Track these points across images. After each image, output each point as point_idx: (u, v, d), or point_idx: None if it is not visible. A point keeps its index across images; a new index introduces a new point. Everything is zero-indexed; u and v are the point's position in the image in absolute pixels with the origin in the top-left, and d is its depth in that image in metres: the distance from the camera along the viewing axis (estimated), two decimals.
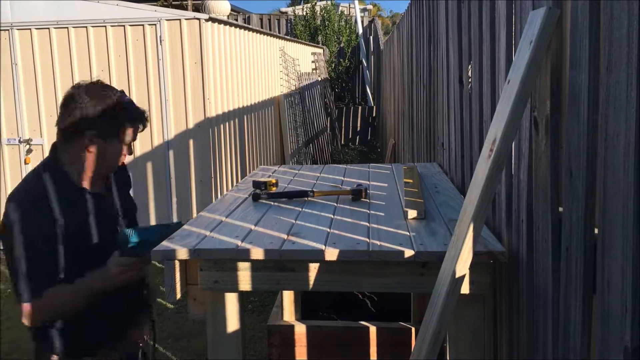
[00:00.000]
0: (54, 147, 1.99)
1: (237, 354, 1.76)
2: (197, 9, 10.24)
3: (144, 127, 2.03)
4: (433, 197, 2.25)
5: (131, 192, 2.27)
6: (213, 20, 5.82)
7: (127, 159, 2.09)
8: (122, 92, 2.00)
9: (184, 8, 11.05)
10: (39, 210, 1.86)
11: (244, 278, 1.67)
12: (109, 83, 2.04)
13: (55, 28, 5.71)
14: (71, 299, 1.88)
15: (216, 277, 1.68)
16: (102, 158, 1.95)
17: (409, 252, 1.57)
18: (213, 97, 5.74)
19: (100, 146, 1.92)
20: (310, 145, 9.64)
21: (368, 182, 2.58)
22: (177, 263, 1.71)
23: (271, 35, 8.62)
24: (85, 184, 1.97)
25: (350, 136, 13.39)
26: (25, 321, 1.88)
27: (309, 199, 2.26)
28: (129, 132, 1.97)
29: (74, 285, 1.88)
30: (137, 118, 2.00)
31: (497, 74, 1.76)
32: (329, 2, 15.40)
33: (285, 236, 1.74)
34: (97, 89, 1.94)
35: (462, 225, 1.42)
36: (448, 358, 1.66)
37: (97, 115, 1.88)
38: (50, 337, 1.95)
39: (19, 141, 5.89)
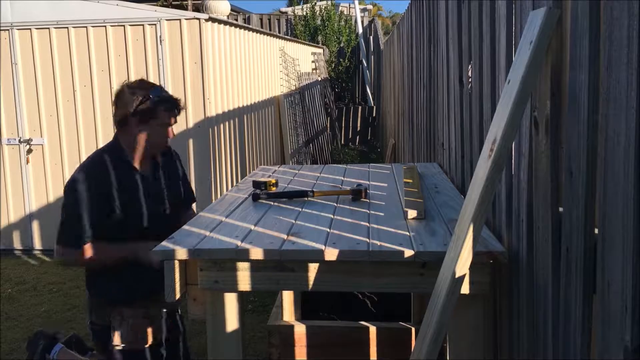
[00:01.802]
0: (116, 134, 2.41)
1: (237, 354, 1.75)
2: (197, 9, 10.25)
3: (179, 112, 2.37)
4: (433, 197, 2.25)
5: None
6: (213, 20, 5.81)
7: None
8: (160, 86, 2.41)
9: (184, 8, 11.06)
10: (94, 178, 2.26)
11: (244, 278, 1.67)
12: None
13: (55, 28, 5.71)
14: (109, 256, 2.26)
15: (216, 277, 1.68)
16: (146, 140, 2.32)
17: (408, 252, 1.57)
18: (213, 97, 5.74)
19: (142, 130, 2.30)
20: (310, 145, 9.63)
21: (368, 182, 2.58)
22: (176, 263, 1.71)
23: (271, 35, 8.62)
24: (137, 165, 2.36)
25: (350, 136, 13.38)
26: (57, 259, 2.32)
27: (309, 199, 2.26)
28: (164, 116, 2.31)
29: (116, 246, 2.27)
30: (170, 103, 2.34)
31: (497, 74, 1.75)
32: (328, 2, 15.39)
33: (285, 236, 1.74)
34: (135, 84, 2.35)
35: (462, 225, 1.42)
36: (448, 358, 1.66)
37: (136, 104, 2.26)
38: (101, 288, 2.36)
39: (19, 141, 5.88)
